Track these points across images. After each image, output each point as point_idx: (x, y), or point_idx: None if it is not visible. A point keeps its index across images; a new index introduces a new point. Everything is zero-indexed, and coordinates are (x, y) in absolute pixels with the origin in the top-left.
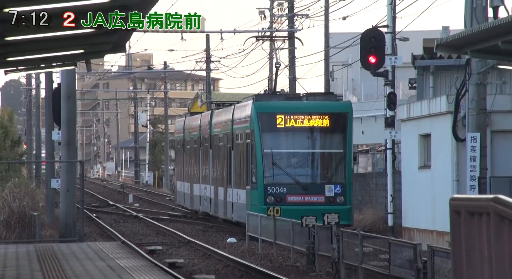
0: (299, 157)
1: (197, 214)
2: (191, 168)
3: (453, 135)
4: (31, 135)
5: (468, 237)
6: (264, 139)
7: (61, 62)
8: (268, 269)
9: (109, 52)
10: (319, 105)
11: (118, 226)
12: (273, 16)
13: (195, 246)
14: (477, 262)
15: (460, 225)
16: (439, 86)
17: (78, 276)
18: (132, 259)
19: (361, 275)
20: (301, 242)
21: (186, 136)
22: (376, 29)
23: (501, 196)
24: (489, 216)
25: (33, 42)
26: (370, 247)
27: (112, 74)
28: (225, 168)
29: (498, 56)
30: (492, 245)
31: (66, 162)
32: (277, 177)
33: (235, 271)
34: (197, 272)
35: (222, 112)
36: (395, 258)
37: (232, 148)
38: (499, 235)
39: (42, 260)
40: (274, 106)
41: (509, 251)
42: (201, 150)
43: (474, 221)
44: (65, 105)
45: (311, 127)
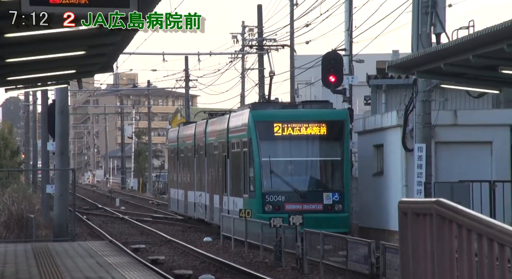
0: (297, 165)
1: (190, 219)
2: (185, 175)
3: (402, 146)
4: (29, 146)
5: (414, 236)
6: (261, 148)
7: (55, 81)
8: (240, 265)
9: (98, 72)
10: (316, 113)
11: (106, 227)
12: (244, 40)
13: (175, 244)
14: (421, 257)
15: (407, 225)
16: (390, 102)
17: (70, 271)
18: (119, 256)
19: (322, 269)
20: (270, 241)
21: (180, 145)
22: (335, 52)
23: (442, 199)
24: (432, 217)
25: (30, 64)
26: (330, 245)
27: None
28: (220, 176)
29: (440, 76)
30: (434, 242)
31: (60, 170)
32: (275, 185)
33: (211, 267)
34: (177, 267)
35: (216, 121)
36: (352, 254)
37: (228, 156)
38: (440, 233)
39: (38, 257)
40: (271, 114)
41: (449, 247)
42: (195, 158)
43: (419, 221)
44: (59, 119)
45: (309, 135)
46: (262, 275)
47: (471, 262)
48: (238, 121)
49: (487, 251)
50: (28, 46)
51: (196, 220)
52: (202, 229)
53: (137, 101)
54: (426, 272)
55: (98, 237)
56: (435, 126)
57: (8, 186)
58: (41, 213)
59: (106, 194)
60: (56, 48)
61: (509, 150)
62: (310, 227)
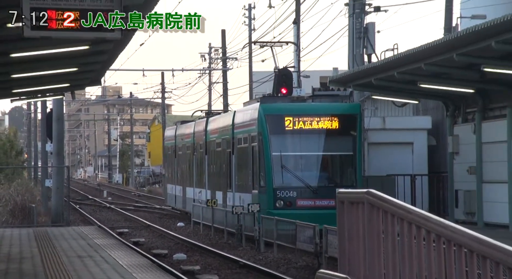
0: (308, 160)
1: (187, 214)
2: (183, 172)
3: None
4: (31, 147)
5: (349, 220)
6: (272, 142)
7: (52, 93)
8: (207, 245)
9: (89, 85)
10: (328, 106)
11: (95, 214)
12: (211, 58)
13: (153, 229)
14: (354, 237)
15: (344, 212)
16: None
17: (65, 251)
18: (106, 238)
19: (275, 248)
20: (232, 225)
21: (177, 143)
22: (286, 69)
23: (372, 190)
24: (364, 205)
25: (32, 79)
26: (282, 228)
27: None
28: (224, 173)
29: (372, 89)
30: (365, 225)
31: (56, 167)
32: (287, 180)
33: (183, 247)
34: (155, 248)
35: (219, 118)
36: (300, 236)
37: (233, 152)
38: (370, 218)
39: (38, 240)
40: (282, 108)
41: (377, 229)
42: (194, 155)
43: (353, 208)
44: (56, 124)
45: (321, 129)
46: (226, 254)
47: (394, 241)
48: (246, 116)
49: (407, 232)
50: (30, 64)
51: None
52: (175, 216)
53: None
54: (359, 250)
55: (89, 223)
56: (368, 130)
57: (14, 181)
58: (41, 203)
59: (95, 187)
60: (53, 66)
61: (426, 149)
62: (323, 224)
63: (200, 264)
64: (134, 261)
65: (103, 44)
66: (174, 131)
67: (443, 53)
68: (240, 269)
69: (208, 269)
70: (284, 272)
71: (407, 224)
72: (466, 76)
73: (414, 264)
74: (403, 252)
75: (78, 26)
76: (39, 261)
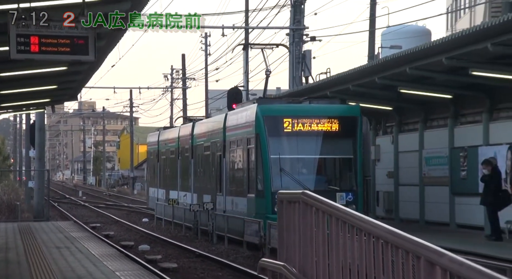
0: (308, 163)
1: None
2: (167, 176)
3: None
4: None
5: (287, 216)
6: (271, 144)
7: (35, 107)
8: (168, 238)
9: (67, 100)
10: (328, 108)
11: (71, 211)
12: (172, 78)
13: (122, 224)
14: (292, 230)
15: (283, 209)
16: None
17: (45, 242)
18: (81, 232)
19: (226, 240)
20: (190, 221)
21: (161, 148)
22: (237, 88)
23: (307, 191)
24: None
25: (18, 95)
26: (232, 223)
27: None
28: (213, 176)
29: None
30: (301, 220)
31: (38, 170)
32: (286, 184)
33: (147, 239)
34: (123, 240)
35: (207, 123)
36: (247, 230)
37: (224, 155)
38: (304, 214)
39: (22, 233)
40: (280, 109)
41: (310, 224)
42: (179, 159)
43: (291, 206)
44: (38, 134)
45: (320, 131)
46: (184, 245)
47: (324, 234)
48: (241, 118)
49: (335, 226)
50: (17, 82)
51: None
52: (141, 213)
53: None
54: (295, 241)
55: (66, 218)
56: None
57: (1, 182)
58: (24, 201)
59: (72, 188)
60: (36, 84)
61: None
62: None
63: (161, 254)
64: (104, 251)
65: (79, 66)
66: (157, 137)
67: (367, 76)
68: (196, 258)
69: (168, 258)
70: (233, 260)
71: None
72: (386, 96)
73: (341, 253)
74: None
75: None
76: (22, 251)
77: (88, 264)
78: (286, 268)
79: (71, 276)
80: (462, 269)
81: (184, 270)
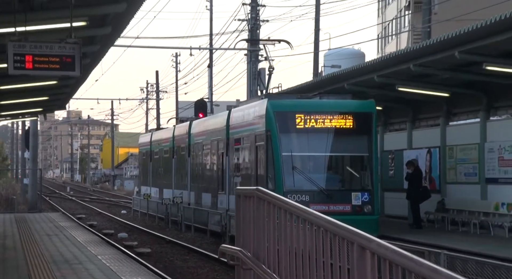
0: (322, 161)
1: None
2: (160, 175)
3: None
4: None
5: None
6: (282, 141)
7: (29, 115)
8: (143, 227)
9: (57, 109)
10: (342, 103)
11: (61, 204)
12: (148, 91)
13: (104, 215)
14: (247, 221)
15: (240, 203)
16: None
17: (38, 231)
18: (68, 222)
19: (192, 229)
20: (162, 212)
21: (153, 148)
22: (202, 100)
23: (260, 187)
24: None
25: (15, 105)
26: (198, 215)
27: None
28: (213, 175)
29: None
30: (255, 212)
31: (32, 169)
32: (298, 183)
33: (125, 228)
34: (104, 228)
35: (207, 121)
36: (211, 220)
37: (227, 153)
38: (258, 207)
39: (18, 223)
40: (292, 104)
41: (263, 216)
42: (174, 158)
43: (247, 200)
44: (32, 138)
45: (334, 128)
46: (156, 233)
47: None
48: (248, 114)
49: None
50: (14, 94)
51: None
52: (120, 205)
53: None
54: (250, 229)
55: (56, 210)
56: None
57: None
58: (20, 195)
59: (61, 184)
60: (31, 95)
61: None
62: None
63: (137, 240)
64: (88, 238)
65: (67, 80)
66: (149, 137)
67: (312, 90)
68: (167, 244)
69: (143, 244)
70: (199, 246)
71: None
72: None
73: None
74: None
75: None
76: (18, 238)
77: (74, 249)
78: (242, 252)
79: (60, 259)
80: (387, 252)
81: (157, 254)
